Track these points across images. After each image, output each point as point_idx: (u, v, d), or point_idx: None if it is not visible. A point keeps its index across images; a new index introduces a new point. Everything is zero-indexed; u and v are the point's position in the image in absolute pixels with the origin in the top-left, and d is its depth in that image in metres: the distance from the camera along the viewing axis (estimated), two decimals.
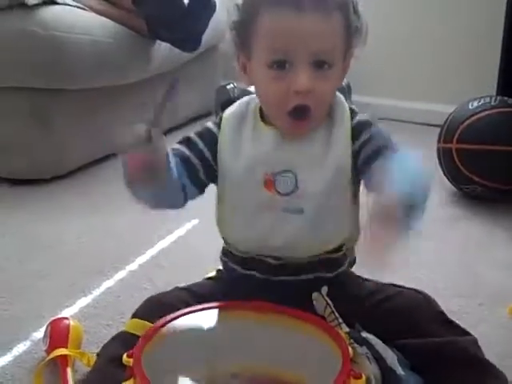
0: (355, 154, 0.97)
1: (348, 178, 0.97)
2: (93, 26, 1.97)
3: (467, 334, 0.98)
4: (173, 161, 0.95)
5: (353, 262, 1.08)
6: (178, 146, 1.01)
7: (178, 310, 0.93)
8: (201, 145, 1.01)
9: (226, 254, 1.07)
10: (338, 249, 1.01)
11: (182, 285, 1.06)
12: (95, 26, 1.98)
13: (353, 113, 1.00)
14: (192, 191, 1.01)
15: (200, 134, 1.02)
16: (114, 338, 0.98)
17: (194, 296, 1.01)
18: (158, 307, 0.96)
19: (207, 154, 1.01)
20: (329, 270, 1.02)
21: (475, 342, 0.96)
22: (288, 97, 0.91)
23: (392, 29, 2.55)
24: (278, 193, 0.97)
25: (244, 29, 0.95)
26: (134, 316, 0.99)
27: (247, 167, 0.98)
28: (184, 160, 0.99)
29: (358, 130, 0.98)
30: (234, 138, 1.00)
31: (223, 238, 1.05)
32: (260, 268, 1.01)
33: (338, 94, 1.01)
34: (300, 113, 0.92)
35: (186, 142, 1.02)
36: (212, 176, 1.02)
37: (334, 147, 0.97)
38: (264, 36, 0.92)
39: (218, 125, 1.02)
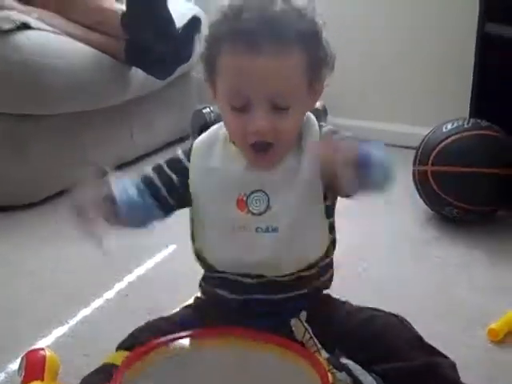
0: None
1: (320, 189, 0.98)
2: (68, 50, 1.97)
3: (444, 356, 0.98)
4: (135, 186, 0.98)
5: (330, 280, 1.08)
6: (148, 171, 1.04)
7: None
8: (171, 174, 1.03)
9: (205, 278, 1.07)
10: (315, 265, 1.02)
11: (165, 315, 1.07)
12: (70, 50, 1.98)
13: (320, 129, 1.01)
14: (158, 214, 1.02)
15: (170, 164, 1.04)
16: (97, 371, 0.96)
17: (177, 326, 0.99)
18: (143, 340, 0.95)
19: (176, 181, 1.02)
20: (304, 286, 1.02)
21: (453, 365, 0.96)
22: (248, 135, 0.93)
23: (368, 53, 2.58)
24: (251, 213, 0.98)
25: (209, 65, 0.96)
26: (119, 348, 0.98)
27: (219, 189, 0.99)
28: (151, 187, 1.02)
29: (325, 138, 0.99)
30: (205, 163, 1.01)
31: (198, 257, 1.05)
32: (237, 288, 1.01)
33: (308, 114, 1.02)
34: (261, 148, 0.94)
35: (157, 169, 1.04)
36: (181, 201, 1.03)
37: (303, 162, 0.98)
38: (223, 75, 0.93)
39: (188, 154, 1.03)
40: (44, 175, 1.97)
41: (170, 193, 1.02)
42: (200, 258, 1.05)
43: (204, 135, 1.05)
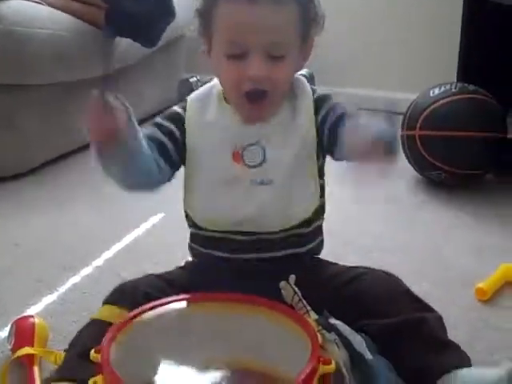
0: (320, 126, 1.00)
1: (314, 148, 1.01)
2: (51, 20, 1.94)
3: (433, 311, 0.99)
4: (141, 135, 0.96)
5: (321, 243, 1.10)
6: (147, 127, 1.03)
7: (149, 295, 0.94)
8: (171, 126, 1.03)
9: (195, 238, 1.08)
10: (308, 223, 1.03)
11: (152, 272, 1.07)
12: (54, 20, 1.95)
13: (313, 90, 1.04)
14: (166, 170, 1.02)
15: (167, 117, 1.04)
16: (85, 327, 0.97)
17: (164, 281, 1.01)
18: (130, 293, 0.97)
19: (177, 133, 1.03)
20: (299, 245, 1.04)
21: (439, 318, 0.98)
22: (243, 82, 0.95)
23: (353, 19, 2.56)
24: (247, 165, 0.99)
25: (205, 18, 0.98)
26: (106, 302, 0.99)
27: (215, 143, 1.01)
28: (155, 140, 1.01)
29: (319, 102, 1.02)
30: (200, 117, 1.03)
31: (189, 217, 1.05)
32: (229, 247, 1.03)
33: (297, 75, 1.04)
34: (255, 96, 0.95)
35: (155, 125, 1.04)
36: (182, 157, 1.03)
37: (298, 119, 1.00)
38: (220, 27, 0.95)
39: (184, 107, 1.04)
40: (31, 146, 1.96)
41: (174, 145, 1.02)
42: (188, 216, 1.05)
43: (198, 92, 1.06)
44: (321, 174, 1.04)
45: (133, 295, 0.96)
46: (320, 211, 1.06)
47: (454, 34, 2.08)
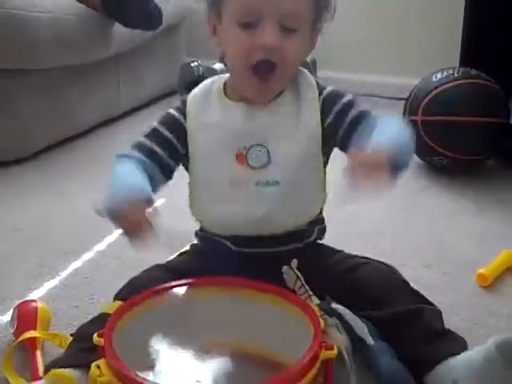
0: (330, 127, 0.99)
1: (319, 147, 0.99)
2: (52, 3, 1.93)
3: (430, 304, 0.99)
4: (137, 160, 0.97)
5: (323, 231, 1.09)
6: (144, 140, 1.02)
7: None
8: (166, 133, 1.02)
9: (202, 228, 1.08)
10: (310, 221, 1.03)
11: (159, 262, 1.07)
12: (55, 3, 1.94)
13: (319, 85, 1.02)
14: (160, 179, 1.01)
15: (164, 123, 1.03)
16: (94, 321, 0.96)
17: (174, 274, 1.00)
18: (141, 289, 0.94)
19: (174, 141, 1.01)
20: (298, 240, 1.04)
21: (437, 312, 0.98)
22: (254, 51, 0.94)
23: (356, 3, 2.55)
24: (251, 166, 0.98)
25: None
26: (116, 298, 0.98)
27: (218, 144, 0.99)
28: (151, 154, 1.00)
29: (329, 102, 1.00)
30: (202, 119, 1.01)
31: (197, 220, 1.05)
32: (235, 242, 1.03)
33: (302, 68, 1.03)
34: (264, 67, 0.94)
35: (152, 134, 1.02)
36: (179, 160, 1.03)
37: (302, 118, 0.99)
38: None
39: (182, 110, 1.03)
40: (32, 130, 1.95)
41: (170, 155, 1.01)
42: (198, 220, 1.05)
43: (196, 90, 1.04)
44: (325, 169, 1.03)
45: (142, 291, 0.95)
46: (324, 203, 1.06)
47: (456, 19, 2.07)
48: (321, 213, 1.08)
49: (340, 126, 0.99)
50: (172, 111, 1.04)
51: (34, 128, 1.96)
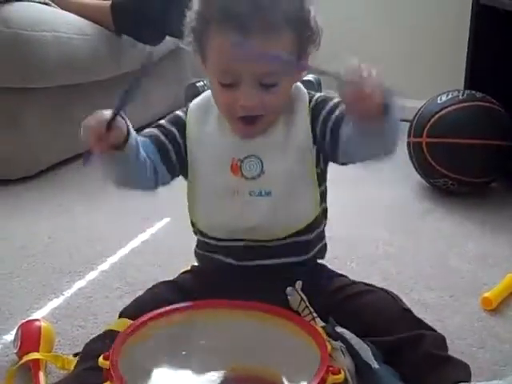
0: (319, 133, 1.00)
1: (311, 159, 1.01)
2: (58, 22, 1.94)
3: (433, 330, 0.98)
4: (140, 142, 0.97)
5: (324, 249, 1.09)
6: (150, 129, 1.04)
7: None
8: (173, 130, 1.04)
9: (201, 245, 1.09)
10: (310, 230, 1.04)
11: (166, 279, 1.08)
12: (60, 22, 1.95)
13: (309, 94, 1.03)
14: (163, 173, 1.02)
15: (171, 121, 1.05)
16: (99, 338, 0.96)
17: (179, 293, 1.01)
18: (146, 307, 0.95)
19: (179, 139, 1.03)
20: (297, 253, 1.04)
21: (441, 338, 0.97)
22: (236, 108, 0.95)
23: (362, 25, 2.56)
24: (245, 177, 1.00)
25: (198, 38, 0.97)
26: (121, 316, 0.99)
27: (214, 154, 1.01)
28: (157, 141, 1.02)
29: (316, 111, 1.01)
30: (200, 127, 1.03)
31: (194, 225, 1.06)
32: (232, 254, 1.04)
33: (297, 84, 1.03)
34: (249, 120, 0.96)
35: (159, 126, 1.05)
36: (182, 163, 1.04)
37: (293, 131, 1.00)
38: (212, 55, 0.95)
39: (186, 112, 1.05)
40: (38, 149, 1.96)
41: (174, 148, 1.03)
42: (193, 224, 1.07)
43: (198, 100, 1.06)
44: (321, 180, 1.04)
45: (149, 310, 0.95)
46: (322, 217, 1.07)
47: (461, 42, 2.08)
48: (323, 230, 1.09)
49: (327, 124, 0.98)
50: (178, 112, 1.07)
51: (39, 146, 1.96)
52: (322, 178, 1.04)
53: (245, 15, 0.87)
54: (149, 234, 1.60)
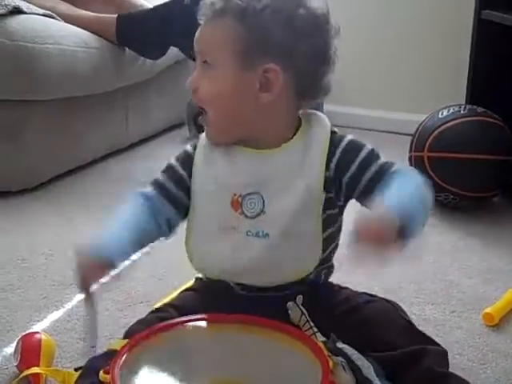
0: (346, 186, 0.97)
1: (318, 203, 0.96)
2: (61, 34, 1.95)
3: (436, 344, 0.97)
4: (147, 205, 1.01)
5: (330, 273, 1.08)
6: (163, 178, 1.04)
7: None
8: (180, 170, 1.03)
9: None
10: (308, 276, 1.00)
11: (168, 299, 1.09)
12: (63, 34, 1.96)
13: (334, 136, 0.99)
14: (177, 219, 1.03)
15: (179, 159, 1.05)
16: (101, 356, 0.94)
17: (182, 312, 0.99)
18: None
19: (186, 178, 1.02)
20: (303, 284, 1.01)
21: (443, 353, 0.96)
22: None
23: (364, 39, 2.57)
24: (244, 214, 0.96)
25: None
26: (126, 336, 0.97)
27: (216, 187, 0.99)
28: (169, 196, 1.02)
29: (345, 158, 0.97)
30: (207, 158, 1.01)
31: (188, 257, 1.04)
32: (233, 285, 1.01)
33: (320, 114, 1.02)
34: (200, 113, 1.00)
35: (168, 170, 1.04)
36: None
37: (306, 171, 0.96)
38: None
39: (195, 146, 1.04)
40: (38, 161, 1.96)
41: (183, 191, 1.02)
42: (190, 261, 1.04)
43: None
44: (328, 224, 0.99)
45: None
46: (329, 256, 1.03)
47: (463, 56, 2.09)
48: (330, 260, 1.05)
49: (358, 184, 0.97)
50: (187, 147, 1.05)
51: (40, 158, 1.96)
52: (328, 222, 0.99)
53: (207, 4, 0.97)
54: (149, 247, 1.59)
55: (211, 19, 0.96)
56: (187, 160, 1.03)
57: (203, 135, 1.04)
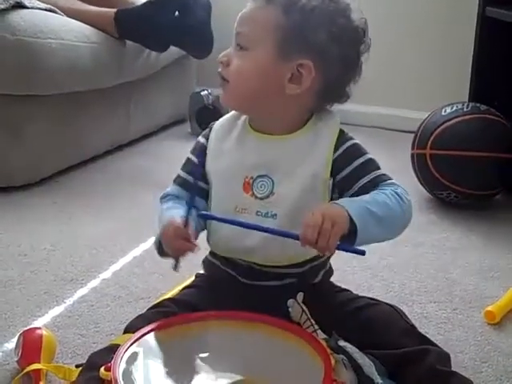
0: (341, 181, 1.01)
1: (324, 190, 1.00)
2: (63, 29, 1.94)
3: (437, 346, 0.98)
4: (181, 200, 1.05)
5: (329, 274, 1.10)
6: (184, 175, 1.08)
7: None
8: (196, 161, 1.07)
9: (213, 253, 1.09)
10: (315, 259, 1.03)
11: (168, 296, 1.09)
12: (65, 29, 1.95)
13: (343, 135, 1.03)
14: (202, 203, 1.05)
15: (193, 151, 1.09)
16: (103, 351, 0.95)
17: (184, 307, 1.01)
18: (151, 323, 0.94)
19: (201, 168, 1.05)
20: (303, 277, 1.03)
21: (445, 355, 0.96)
22: None
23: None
24: (255, 196, 1.01)
25: None
26: (127, 330, 0.97)
27: (228, 170, 1.03)
28: (186, 184, 1.06)
29: (345, 158, 1.01)
30: (219, 144, 1.05)
31: (207, 238, 1.07)
32: (239, 270, 1.04)
33: (332, 110, 1.06)
34: (221, 80, 1.02)
35: (186, 165, 1.08)
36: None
37: (311, 159, 1.00)
38: None
39: (207, 135, 1.08)
40: (40, 156, 1.96)
41: (202, 180, 1.05)
42: (207, 238, 1.07)
43: (224, 119, 1.08)
44: None
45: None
46: (322, 260, 1.06)
47: (466, 54, 2.09)
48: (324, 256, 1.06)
49: (349, 187, 1.01)
50: (199, 138, 1.09)
51: (43, 154, 1.96)
52: None
53: None
54: (151, 243, 1.59)
55: (259, 4, 0.98)
56: (201, 149, 1.07)
57: (216, 125, 1.07)
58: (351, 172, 1.01)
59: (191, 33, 2.16)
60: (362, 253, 0.90)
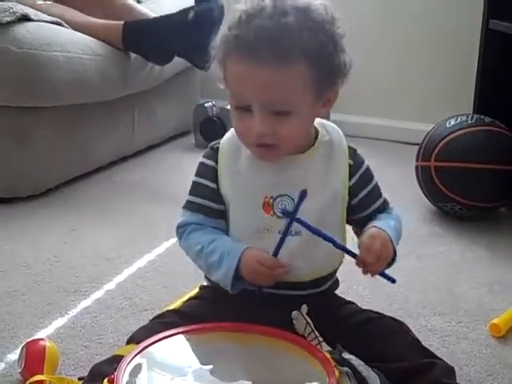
0: (352, 206, 1.05)
1: (343, 205, 1.03)
2: (68, 42, 1.95)
3: (442, 360, 0.97)
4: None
5: (335, 285, 1.10)
6: (192, 199, 1.05)
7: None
8: (210, 185, 1.03)
9: None
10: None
11: (172, 307, 1.08)
12: (71, 42, 1.96)
13: (357, 157, 1.06)
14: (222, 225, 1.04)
15: (204, 174, 1.04)
16: (107, 362, 0.94)
17: (188, 319, 1.00)
18: (156, 333, 0.94)
19: (218, 191, 1.03)
20: (317, 286, 1.05)
21: (449, 369, 0.96)
22: (250, 135, 0.95)
23: (372, 49, 2.57)
24: (276, 215, 1.00)
25: (220, 65, 0.98)
26: (130, 341, 0.97)
27: (246, 191, 1.01)
28: (210, 211, 1.03)
29: (359, 184, 1.05)
30: (231, 165, 1.03)
31: None
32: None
33: (330, 123, 1.06)
34: (264, 147, 0.96)
35: (199, 188, 1.04)
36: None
37: (330, 179, 1.02)
38: (229, 77, 0.96)
39: (214, 156, 1.04)
40: (45, 168, 1.96)
41: (218, 202, 1.03)
42: None
43: (227, 139, 1.05)
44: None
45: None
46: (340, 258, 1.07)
47: (470, 66, 2.09)
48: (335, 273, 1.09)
49: (364, 209, 1.06)
50: (205, 161, 1.05)
51: (47, 165, 1.97)
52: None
53: (257, 43, 0.90)
54: (155, 255, 1.59)
55: (277, 66, 0.91)
56: (213, 172, 1.03)
57: (222, 146, 1.04)
58: (364, 197, 1.05)
59: (198, 46, 2.17)
60: (394, 281, 0.98)
